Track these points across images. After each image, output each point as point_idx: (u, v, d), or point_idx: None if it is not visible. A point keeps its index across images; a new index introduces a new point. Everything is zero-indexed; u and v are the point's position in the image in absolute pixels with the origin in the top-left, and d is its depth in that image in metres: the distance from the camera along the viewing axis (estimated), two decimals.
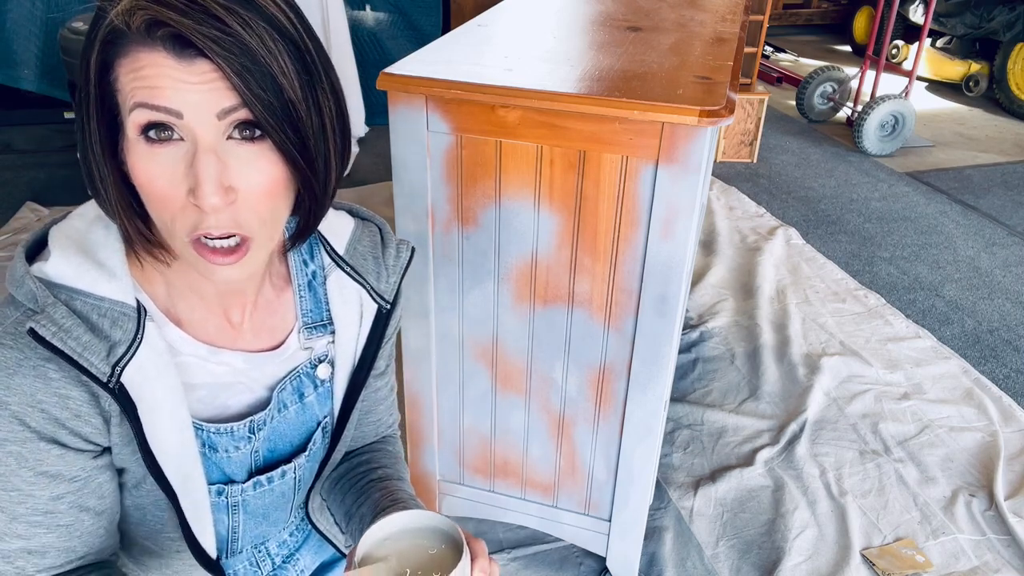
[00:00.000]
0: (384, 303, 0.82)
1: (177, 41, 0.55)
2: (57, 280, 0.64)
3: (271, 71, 0.58)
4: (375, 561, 0.64)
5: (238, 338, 0.75)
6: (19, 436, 0.63)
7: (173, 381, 0.68)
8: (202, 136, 0.58)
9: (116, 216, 0.64)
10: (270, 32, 0.58)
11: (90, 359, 0.63)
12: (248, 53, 0.57)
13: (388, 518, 0.67)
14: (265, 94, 0.58)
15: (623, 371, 1.45)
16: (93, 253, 0.66)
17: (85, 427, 0.66)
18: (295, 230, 0.72)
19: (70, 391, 0.64)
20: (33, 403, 0.63)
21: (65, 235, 0.67)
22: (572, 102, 1.22)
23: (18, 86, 3.77)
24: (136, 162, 0.59)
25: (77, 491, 0.67)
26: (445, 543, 0.67)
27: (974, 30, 5.20)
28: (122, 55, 0.57)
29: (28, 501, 0.65)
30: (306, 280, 0.79)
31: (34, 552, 0.67)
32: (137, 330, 0.66)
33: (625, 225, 1.31)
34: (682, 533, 1.84)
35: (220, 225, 0.60)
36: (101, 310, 0.65)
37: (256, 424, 0.77)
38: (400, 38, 4.32)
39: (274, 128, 0.59)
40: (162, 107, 0.57)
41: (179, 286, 0.71)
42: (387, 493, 0.84)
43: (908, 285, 3.00)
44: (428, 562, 0.65)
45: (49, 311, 0.62)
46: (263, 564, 0.90)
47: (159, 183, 0.59)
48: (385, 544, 0.66)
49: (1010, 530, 1.86)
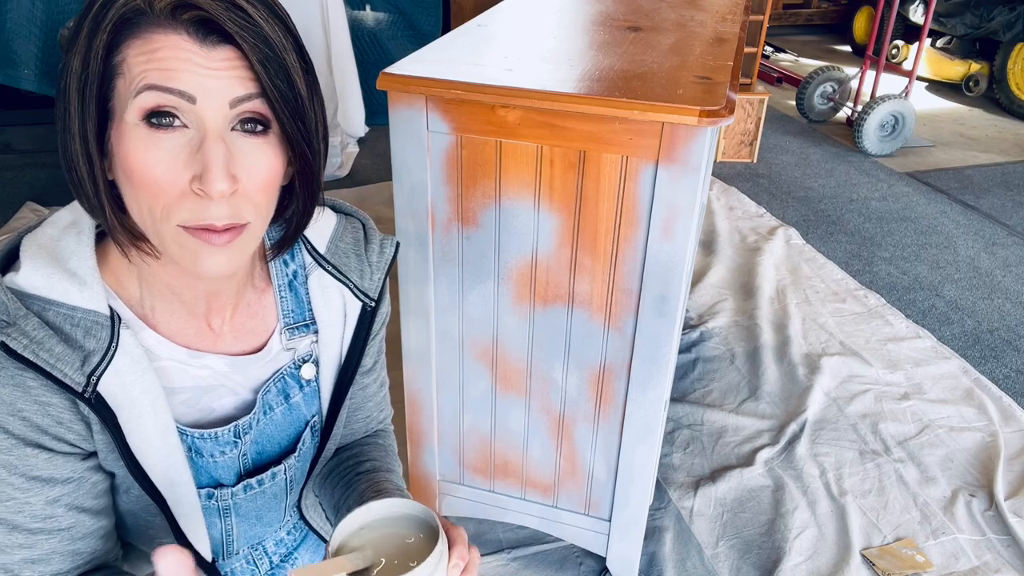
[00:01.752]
0: (368, 301, 0.81)
1: (202, 25, 0.56)
2: (29, 291, 0.63)
3: (286, 64, 0.59)
4: (350, 551, 0.63)
5: (218, 341, 0.74)
6: (4, 444, 0.62)
7: (153, 386, 0.68)
8: (211, 123, 0.58)
9: (102, 209, 0.63)
10: (283, 28, 0.59)
11: (64, 370, 0.62)
12: (269, 44, 0.58)
13: (364, 507, 0.65)
14: (283, 85, 0.59)
15: (623, 371, 1.45)
16: (64, 262, 0.65)
17: (68, 434, 0.65)
18: (280, 236, 0.72)
19: (50, 398, 0.63)
20: (14, 412, 0.62)
21: (37, 244, 0.66)
22: (572, 102, 1.22)
23: (18, 86, 3.77)
24: (132, 148, 0.58)
25: (72, 492, 0.67)
26: (422, 531, 0.65)
27: (974, 30, 5.20)
28: (135, 36, 0.57)
29: (25, 509, 0.65)
30: (287, 280, 0.78)
31: (38, 560, 0.66)
32: (111, 339, 0.65)
33: (625, 225, 1.31)
34: (682, 533, 1.84)
35: (221, 216, 0.60)
36: (74, 320, 0.64)
37: (241, 428, 0.76)
38: (400, 38, 4.32)
39: (288, 119, 0.60)
40: (176, 90, 0.56)
41: (156, 287, 0.69)
42: (372, 484, 0.83)
43: (908, 285, 3.00)
44: (404, 551, 0.63)
45: (20, 323, 0.61)
46: (260, 563, 0.89)
47: (157, 171, 0.58)
48: (361, 533, 0.65)
49: (1010, 530, 1.86)
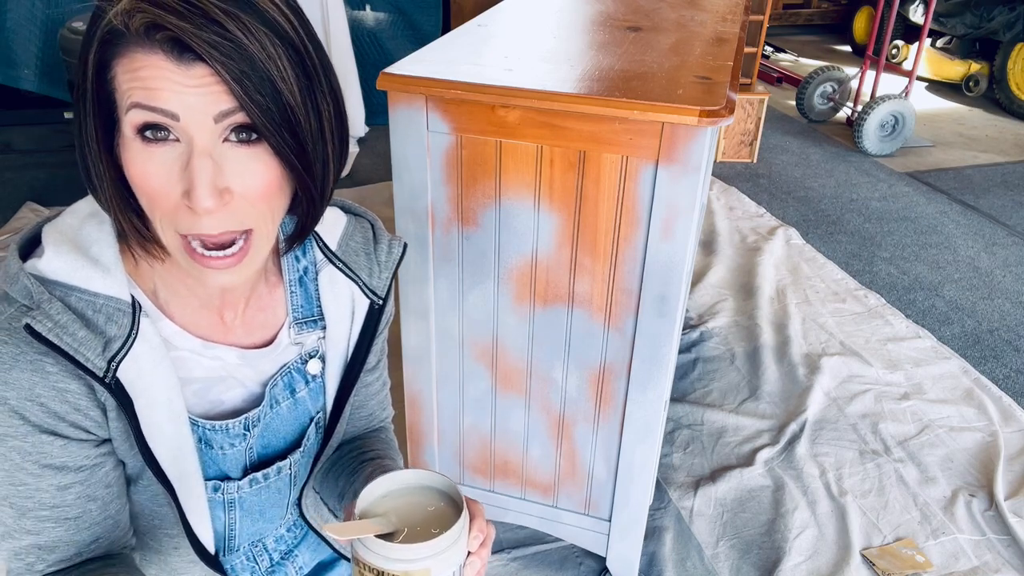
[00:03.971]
0: (376, 299, 0.82)
1: (176, 45, 0.55)
2: (52, 277, 0.64)
3: (270, 76, 0.58)
4: (374, 516, 0.64)
5: (230, 333, 0.75)
6: (20, 431, 0.63)
7: (169, 375, 0.69)
8: (198, 138, 0.58)
9: (111, 211, 0.64)
10: (270, 36, 0.58)
11: (86, 354, 0.63)
12: (247, 58, 0.56)
13: (387, 475, 0.67)
14: (263, 99, 0.58)
15: (623, 371, 1.45)
16: (86, 249, 0.66)
17: (84, 420, 0.66)
18: (292, 232, 0.72)
19: (68, 384, 0.64)
20: (32, 397, 0.63)
21: (59, 232, 0.67)
22: (572, 102, 1.22)
23: (18, 86, 3.77)
24: (131, 160, 0.59)
25: (84, 481, 0.68)
26: (443, 501, 0.66)
27: (974, 30, 5.20)
28: (120, 55, 0.57)
29: (36, 495, 0.65)
30: (297, 276, 0.79)
31: (44, 547, 0.67)
32: (132, 325, 0.66)
33: (625, 225, 1.31)
34: (682, 533, 1.84)
35: (215, 226, 0.60)
36: (96, 306, 0.65)
37: (251, 421, 0.77)
38: (400, 38, 4.32)
39: (272, 132, 0.59)
40: (159, 108, 0.57)
41: (171, 283, 0.71)
42: (379, 467, 0.84)
43: (908, 285, 3.00)
44: (426, 519, 0.64)
45: (45, 307, 0.62)
46: (261, 560, 0.90)
47: (153, 182, 0.59)
48: (383, 501, 0.66)
49: (1010, 530, 1.86)
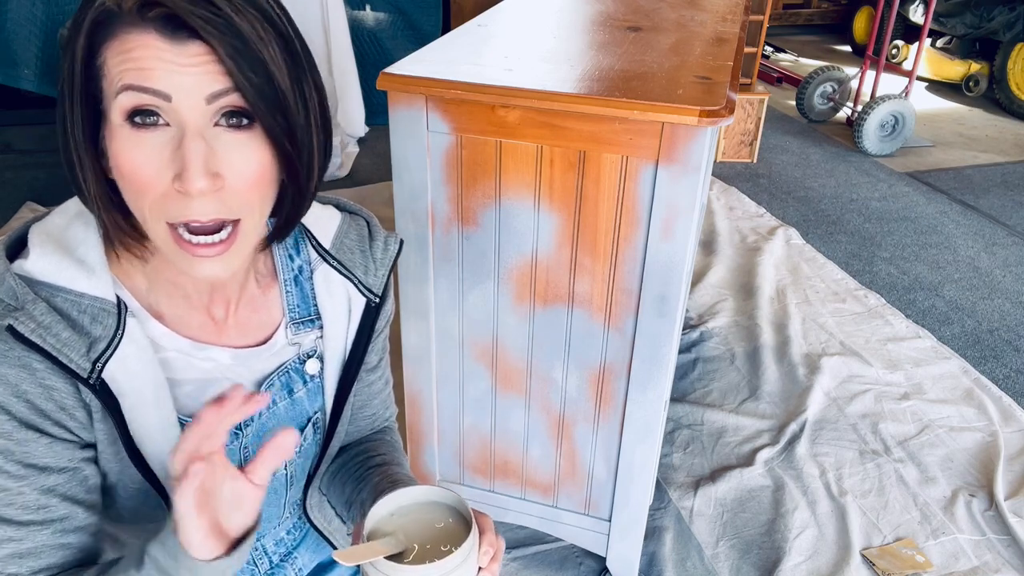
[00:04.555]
0: (372, 297, 0.82)
1: (169, 22, 0.56)
2: (37, 277, 0.64)
3: (262, 57, 0.58)
4: (382, 535, 0.64)
5: (223, 334, 0.74)
6: (5, 427, 0.63)
7: (157, 376, 0.68)
8: (189, 120, 0.58)
9: (95, 208, 0.64)
10: (260, 21, 0.58)
11: (69, 355, 0.63)
12: (240, 36, 0.57)
13: (395, 493, 0.67)
14: (256, 78, 0.58)
15: (623, 371, 1.45)
16: (72, 250, 0.66)
17: (69, 420, 0.66)
18: (276, 225, 0.71)
19: (55, 382, 0.64)
20: (18, 393, 0.62)
21: (45, 232, 0.66)
22: (572, 102, 1.22)
23: (18, 86, 3.77)
24: (120, 148, 0.59)
25: (67, 481, 0.67)
26: (452, 517, 0.66)
27: (974, 30, 5.20)
28: (111, 37, 0.57)
29: (18, 500, 0.64)
30: (292, 275, 0.78)
31: (27, 555, 0.66)
32: (117, 326, 0.66)
33: (625, 225, 1.31)
34: (682, 533, 1.84)
35: (206, 212, 0.60)
36: (81, 306, 0.65)
37: (243, 421, 0.76)
38: (400, 38, 4.32)
39: (265, 113, 0.59)
40: (151, 89, 0.56)
41: (159, 281, 0.70)
42: (386, 476, 0.84)
43: (908, 285, 3.00)
44: (436, 536, 0.64)
45: (29, 308, 0.62)
46: (260, 562, 0.89)
47: (143, 169, 0.58)
48: (392, 520, 0.66)
49: (1010, 530, 1.86)
